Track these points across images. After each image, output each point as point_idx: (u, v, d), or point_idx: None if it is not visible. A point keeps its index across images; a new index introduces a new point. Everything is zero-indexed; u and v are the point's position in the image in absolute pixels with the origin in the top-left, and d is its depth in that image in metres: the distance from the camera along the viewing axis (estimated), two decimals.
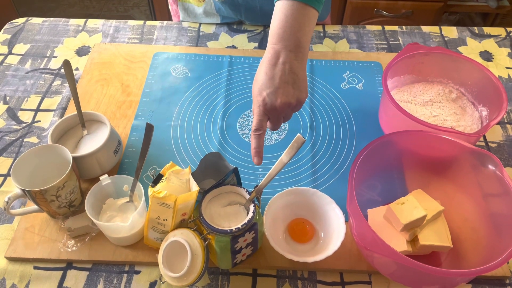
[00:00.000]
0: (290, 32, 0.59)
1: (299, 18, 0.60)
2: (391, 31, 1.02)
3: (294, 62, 0.59)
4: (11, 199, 0.62)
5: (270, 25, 0.62)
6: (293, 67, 0.59)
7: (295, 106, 0.60)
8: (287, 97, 0.58)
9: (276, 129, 0.63)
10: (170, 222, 0.59)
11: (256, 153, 0.60)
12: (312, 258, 0.59)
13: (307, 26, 0.60)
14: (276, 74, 0.58)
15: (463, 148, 0.65)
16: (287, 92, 0.58)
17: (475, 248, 0.63)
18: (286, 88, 0.58)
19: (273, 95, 0.58)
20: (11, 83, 0.90)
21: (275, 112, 0.59)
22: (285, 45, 0.59)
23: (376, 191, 0.71)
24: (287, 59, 0.59)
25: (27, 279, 0.63)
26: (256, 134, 0.60)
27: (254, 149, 0.60)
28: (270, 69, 0.59)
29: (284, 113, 0.61)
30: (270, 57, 0.59)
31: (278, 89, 0.58)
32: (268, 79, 0.59)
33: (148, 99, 0.86)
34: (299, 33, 0.60)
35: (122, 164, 0.75)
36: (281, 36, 0.59)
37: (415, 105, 0.78)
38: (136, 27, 1.02)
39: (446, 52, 0.77)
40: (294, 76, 0.59)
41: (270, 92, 0.58)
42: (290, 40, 0.59)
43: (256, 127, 0.60)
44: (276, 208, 0.66)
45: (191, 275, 0.56)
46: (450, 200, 0.68)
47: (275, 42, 0.60)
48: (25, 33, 1.01)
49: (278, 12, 0.61)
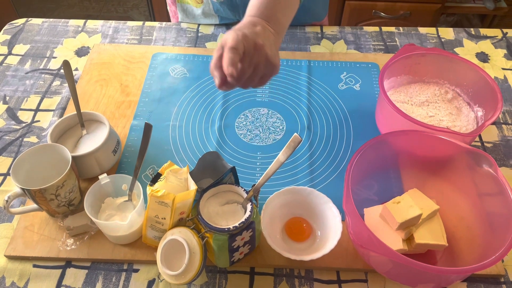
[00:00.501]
0: (271, 9, 0.57)
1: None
2: (388, 32, 1.02)
3: (271, 34, 0.57)
4: (11, 198, 0.62)
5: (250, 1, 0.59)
6: (270, 36, 0.57)
7: (269, 63, 0.56)
8: (266, 46, 0.55)
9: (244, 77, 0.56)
10: (168, 221, 0.59)
11: (231, 63, 0.52)
12: (309, 257, 0.60)
13: (286, 8, 0.59)
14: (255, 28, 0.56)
15: (458, 148, 0.65)
16: (267, 43, 0.55)
17: (470, 247, 0.64)
18: (265, 40, 0.55)
19: (254, 34, 0.55)
20: (11, 83, 0.90)
21: (253, 50, 0.55)
22: (263, 19, 0.58)
23: (372, 190, 0.71)
24: (266, 28, 0.57)
25: (26, 277, 0.64)
26: (233, 50, 0.53)
27: (230, 59, 0.53)
28: (248, 24, 0.56)
29: (258, 60, 0.56)
30: (247, 22, 0.57)
31: (259, 35, 0.55)
32: (248, 27, 0.56)
33: (147, 99, 0.86)
34: (278, 13, 0.58)
35: (121, 164, 0.76)
36: (260, 11, 0.58)
37: (411, 106, 0.78)
38: (135, 28, 1.03)
39: (442, 53, 0.78)
40: (271, 40, 0.56)
41: (251, 31, 0.55)
42: (268, 16, 0.58)
43: (234, 45, 0.53)
44: (273, 207, 0.66)
45: (189, 273, 0.57)
46: (446, 199, 0.68)
47: (253, 15, 0.58)
48: (25, 33, 1.02)
49: None
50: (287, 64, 0.93)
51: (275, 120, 0.83)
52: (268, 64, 0.57)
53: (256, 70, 0.57)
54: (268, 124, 0.82)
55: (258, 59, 0.56)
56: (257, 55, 0.55)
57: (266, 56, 0.56)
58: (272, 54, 0.56)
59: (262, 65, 0.57)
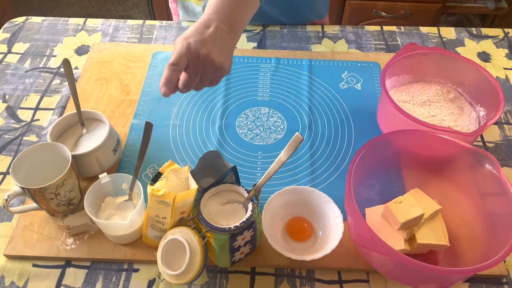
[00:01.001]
0: (227, 7, 0.60)
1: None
2: (390, 31, 1.02)
3: (225, 34, 0.59)
4: (10, 197, 0.62)
5: None
6: (223, 36, 0.59)
7: (216, 69, 0.59)
8: (212, 53, 0.57)
9: (189, 86, 0.59)
10: (169, 220, 0.59)
11: (165, 83, 0.57)
12: (310, 257, 0.60)
13: (244, 6, 0.61)
14: (206, 32, 0.58)
15: (460, 148, 0.65)
16: (214, 49, 0.58)
17: (472, 247, 0.63)
18: (213, 45, 0.58)
19: (200, 43, 0.57)
20: (11, 82, 0.90)
21: (197, 60, 0.57)
22: (219, 17, 0.60)
23: (374, 190, 0.71)
24: (219, 28, 0.59)
25: (26, 276, 0.63)
26: (172, 67, 0.56)
27: (165, 79, 0.57)
28: (201, 27, 0.58)
29: (204, 68, 0.58)
30: (203, 21, 0.59)
31: (206, 42, 0.57)
32: (198, 32, 0.58)
33: (147, 98, 0.86)
34: (235, 11, 0.60)
35: (121, 163, 0.75)
36: (217, 9, 0.60)
37: (413, 105, 0.78)
38: (136, 27, 1.02)
39: (444, 53, 0.77)
40: (223, 42, 0.59)
41: (197, 40, 0.57)
42: (225, 15, 0.60)
43: (174, 62, 0.56)
44: (274, 206, 0.66)
45: (190, 273, 0.57)
46: (447, 199, 0.68)
47: (210, 12, 0.60)
48: (25, 32, 1.01)
49: None
50: (288, 63, 0.93)
51: (276, 119, 0.83)
52: (216, 70, 0.59)
53: (204, 76, 0.60)
54: (269, 124, 0.82)
55: (204, 67, 0.59)
56: (202, 64, 0.58)
57: (212, 63, 0.58)
58: (219, 60, 0.59)
59: (209, 72, 0.59)
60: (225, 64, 0.60)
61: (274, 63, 0.93)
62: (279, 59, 0.94)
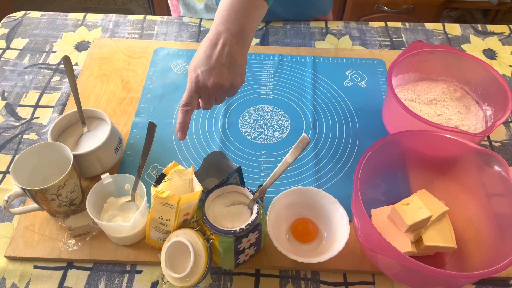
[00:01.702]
0: (235, 17, 0.60)
1: (245, 4, 0.60)
2: (394, 27, 1.01)
3: (234, 46, 0.59)
4: (11, 198, 0.61)
5: (218, 6, 0.62)
6: (232, 50, 0.59)
7: (228, 90, 0.60)
8: (221, 78, 0.58)
9: (207, 109, 0.63)
10: (172, 222, 0.58)
11: (181, 128, 0.61)
12: (316, 259, 0.59)
13: (252, 14, 0.61)
14: (214, 54, 0.58)
15: (468, 148, 0.64)
16: (221, 74, 0.58)
17: (479, 249, 0.63)
18: (221, 70, 0.58)
19: (207, 74, 0.58)
20: (10, 79, 0.89)
21: (206, 91, 0.59)
22: (227, 27, 0.59)
23: (379, 190, 0.70)
24: (227, 42, 0.59)
25: (27, 278, 0.63)
26: (183, 110, 0.60)
27: (179, 123, 0.61)
28: (209, 48, 0.59)
29: (216, 94, 0.60)
30: (212, 37, 0.60)
31: (213, 69, 0.58)
32: (205, 58, 0.59)
33: (149, 95, 0.85)
34: (242, 19, 0.60)
35: (123, 162, 0.74)
36: (225, 19, 0.60)
37: (419, 104, 0.77)
38: (136, 22, 1.01)
39: (451, 50, 0.76)
40: (232, 59, 0.59)
41: (204, 70, 0.58)
42: (233, 24, 0.59)
43: (185, 103, 0.60)
44: (279, 207, 0.65)
45: (194, 276, 0.56)
46: (454, 200, 0.67)
47: (218, 23, 0.60)
48: (23, 27, 0.99)
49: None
50: (292, 60, 0.92)
51: (279, 117, 0.82)
52: (227, 91, 0.60)
53: (218, 99, 0.62)
54: (273, 122, 0.81)
55: (216, 94, 0.60)
56: (213, 93, 0.60)
57: (221, 88, 0.59)
58: (228, 82, 0.59)
59: (222, 95, 0.61)
60: (236, 81, 0.60)
61: (277, 60, 0.91)
62: (283, 56, 0.92)
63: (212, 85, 0.58)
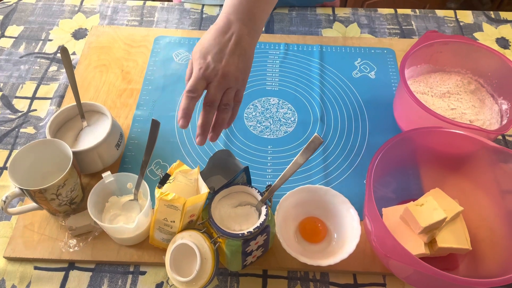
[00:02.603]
0: (246, 5, 0.57)
1: None
2: (404, 15, 0.97)
3: (245, 36, 0.56)
4: (9, 199, 0.58)
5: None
6: (242, 40, 0.56)
7: (238, 81, 0.56)
8: (231, 66, 0.55)
9: (213, 100, 0.55)
10: (178, 224, 0.56)
11: (184, 114, 0.54)
12: (326, 262, 0.57)
13: (264, 3, 0.58)
14: (225, 42, 0.55)
15: (483, 145, 0.62)
16: (232, 62, 0.55)
17: (493, 250, 0.61)
18: (232, 57, 0.55)
19: (218, 60, 0.54)
20: (5, 69, 0.85)
21: (216, 78, 0.55)
22: (239, 17, 0.56)
23: (390, 188, 0.68)
24: (238, 31, 0.56)
25: (27, 280, 0.61)
26: (189, 95, 0.54)
27: (183, 110, 0.54)
28: (219, 36, 0.55)
29: (225, 85, 0.55)
30: (222, 25, 0.56)
31: (225, 55, 0.55)
32: (216, 44, 0.55)
33: (150, 87, 0.81)
34: (255, 9, 0.57)
35: (124, 158, 0.72)
36: (236, 7, 0.57)
37: (431, 97, 0.74)
38: (136, 8, 0.97)
39: (466, 41, 0.73)
40: (242, 50, 0.56)
41: (215, 55, 0.54)
42: (244, 13, 0.57)
43: (191, 88, 0.54)
44: (287, 206, 0.63)
45: (201, 280, 0.54)
46: (467, 198, 0.65)
47: (229, 12, 0.57)
48: (18, 13, 0.95)
49: None
50: (298, 49, 0.88)
51: (286, 110, 0.79)
52: (238, 82, 0.56)
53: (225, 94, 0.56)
54: (279, 115, 0.78)
55: (225, 83, 0.55)
56: (222, 81, 0.55)
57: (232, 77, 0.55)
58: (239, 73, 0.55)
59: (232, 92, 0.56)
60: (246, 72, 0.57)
61: (283, 49, 0.88)
62: (288, 45, 0.89)
63: (224, 72, 0.54)
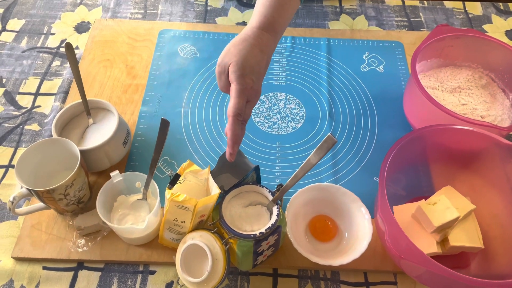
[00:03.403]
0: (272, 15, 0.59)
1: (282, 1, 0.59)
2: (412, 6, 0.95)
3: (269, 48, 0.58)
4: (16, 199, 0.57)
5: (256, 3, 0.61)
6: (270, 55, 0.59)
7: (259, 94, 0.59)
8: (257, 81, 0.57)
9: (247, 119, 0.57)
10: (188, 224, 0.55)
11: (236, 139, 0.53)
12: (338, 261, 0.56)
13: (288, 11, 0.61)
14: (261, 60, 0.57)
15: (495, 142, 0.61)
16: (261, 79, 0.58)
17: (505, 247, 0.60)
18: (264, 76, 0.58)
19: (257, 80, 0.56)
20: (7, 64, 0.84)
21: (255, 99, 0.57)
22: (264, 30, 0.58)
23: (400, 185, 0.67)
24: (269, 46, 0.58)
25: (36, 280, 0.60)
26: (238, 120, 0.53)
27: (234, 135, 0.52)
28: (258, 54, 0.57)
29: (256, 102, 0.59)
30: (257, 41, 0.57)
31: (261, 75, 0.57)
32: (255, 63, 0.56)
33: (155, 82, 0.80)
34: (281, 19, 0.60)
35: (131, 155, 0.71)
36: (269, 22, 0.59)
37: (442, 92, 0.73)
38: (139, 1, 0.95)
39: (478, 35, 0.71)
40: (266, 60, 0.58)
41: (255, 75, 0.56)
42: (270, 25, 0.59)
43: (239, 111, 0.52)
44: (297, 204, 0.62)
45: (212, 281, 0.53)
46: (478, 195, 0.64)
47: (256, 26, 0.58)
48: (19, 6, 0.93)
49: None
50: (305, 43, 0.87)
51: (293, 106, 0.78)
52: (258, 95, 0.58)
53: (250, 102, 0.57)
54: (287, 111, 0.77)
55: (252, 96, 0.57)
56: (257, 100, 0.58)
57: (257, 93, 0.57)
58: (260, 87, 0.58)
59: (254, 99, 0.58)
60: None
61: (289, 43, 0.86)
62: (295, 38, 0.87)
63: (258, 92, 0.56)
